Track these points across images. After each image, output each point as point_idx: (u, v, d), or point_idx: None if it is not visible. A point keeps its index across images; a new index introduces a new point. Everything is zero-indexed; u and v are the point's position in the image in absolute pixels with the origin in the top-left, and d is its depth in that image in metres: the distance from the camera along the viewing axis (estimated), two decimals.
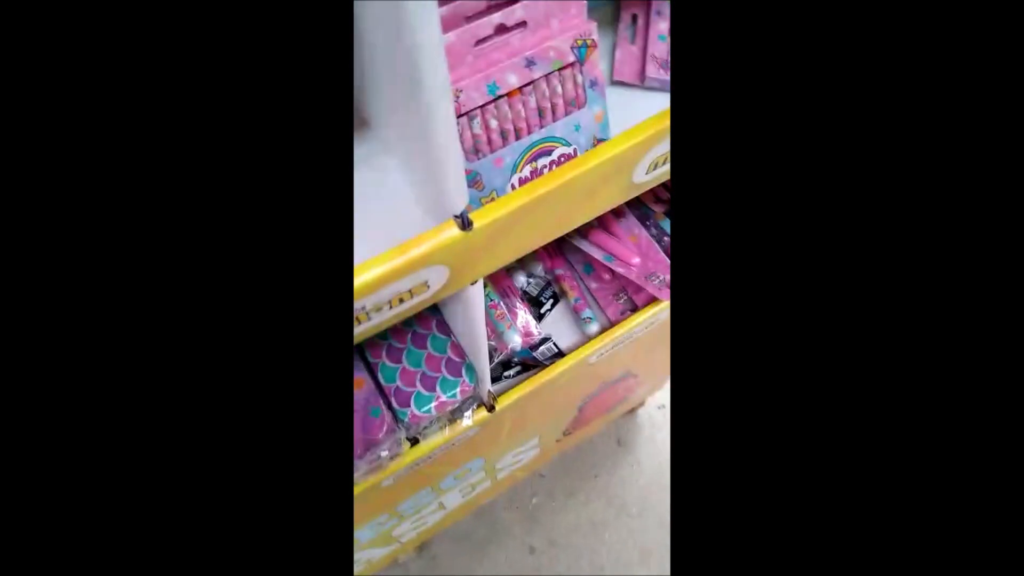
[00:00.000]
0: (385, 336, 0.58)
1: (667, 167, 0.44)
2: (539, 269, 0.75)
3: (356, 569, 0.94)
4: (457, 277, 0.39)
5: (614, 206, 0.44)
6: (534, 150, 0.40)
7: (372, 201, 0.39)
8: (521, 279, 0.73)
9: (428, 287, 0.38)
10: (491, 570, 1.14)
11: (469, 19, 0.35)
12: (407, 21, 0.25)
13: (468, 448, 0.73)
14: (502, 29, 0.36)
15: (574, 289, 0.74)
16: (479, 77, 0.36)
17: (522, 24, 0.36)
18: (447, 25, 0.34)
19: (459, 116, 0.36)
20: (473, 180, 0.39)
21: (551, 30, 0.37)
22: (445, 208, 0.35)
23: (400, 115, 0.33)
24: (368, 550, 0.89)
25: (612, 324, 0.69)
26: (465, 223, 0.35)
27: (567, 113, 0.40)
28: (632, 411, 1.27)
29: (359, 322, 0.37)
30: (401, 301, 0.37)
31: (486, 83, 0.36)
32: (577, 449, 1.25)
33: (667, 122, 0.39)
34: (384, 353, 0.57)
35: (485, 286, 0.67)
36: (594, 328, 0.71)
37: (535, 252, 0.75)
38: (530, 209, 0.37)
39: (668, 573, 1.15)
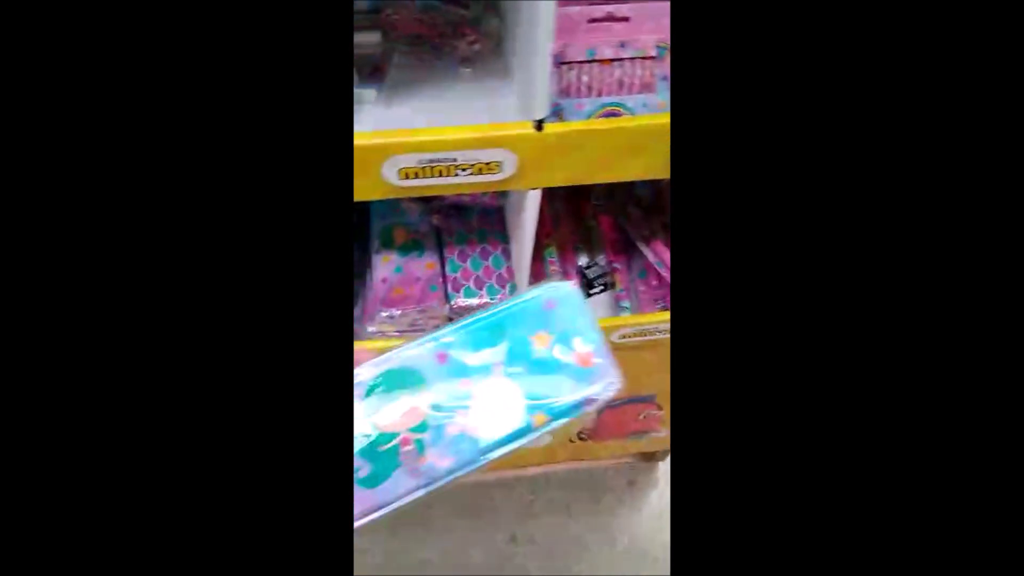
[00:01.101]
0: (461, 243, 0.75)
1: None
2: (602, 259, 0.89)
3: None
4: (522, 172, 0.54)
5: (658, 176, 0.58)
6: (607, 108, 0.55)
7: (492, 100, 0.56)
8: (584, 259, 0.87)
9: (501, 169, 0.54)
10: (471, 540, 1.23)
11: (591, 3, 0.52)
12: None
13: None
14: (610, 17, 0.52)
15: (623, 283, 0.86)
16: (583, 43, 0.52)
17: (625, 19, 0.53)
18: (573, 1, 0.51)
19: (561, 63, 0.53)
20: (558, 112, 0.55)
21: (644, 30, 0.53)
22: (529, 114, 0.51)
23: (520, 51, 0.50)
24: None
25: None
26: (539, 126, 0.51)
27: (640, 92, 0.55)
28: (652, 457, 1.32)
29: (450, 174, 0.53)
30: (480, 171, 0.54)
31: (587, 48, 0.53)
32: (588, 472, 1.32)
33: None
34: (456, 253, 0.74)
35: (549, 245, 0.82)
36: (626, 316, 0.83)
37: (602, 243, 0.89)
38: (588, 137, 0.52)
39: None
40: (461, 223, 0.77)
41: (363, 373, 0.35)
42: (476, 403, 0.35)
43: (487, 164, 0.53)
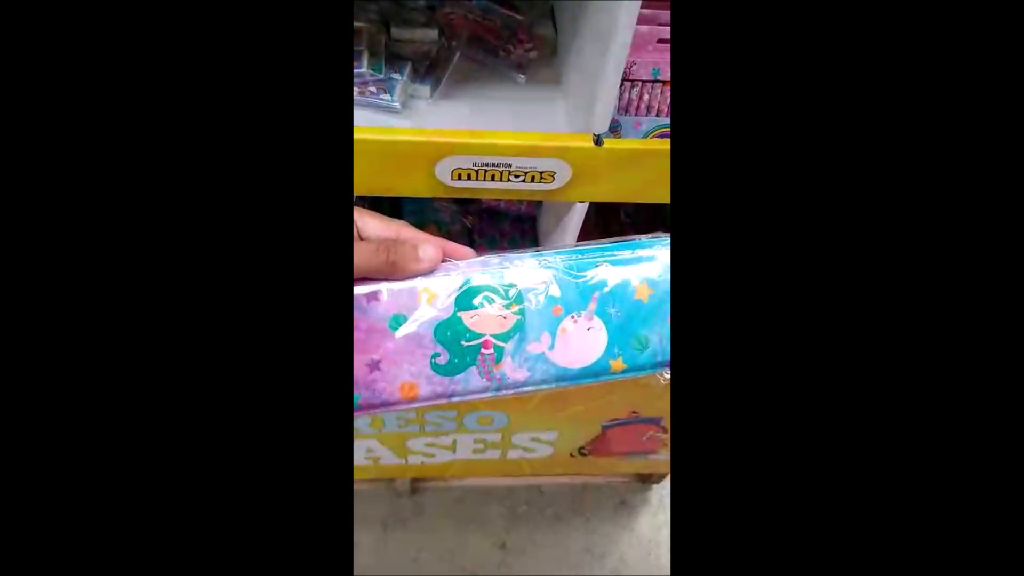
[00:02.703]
0: (492, 247, 0.74)
1: None
2: None
3: (364, 461, 1.06)
4: (574, 184, 0.54)
5: None
6: (663, 129, 0.55)
7: (541, 108, 0.56)
8: None
9: (554, 179, 0.53)
10: (461, 543, 1.22)
11: (660, 24, 0.52)
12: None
13: None
14: None
15: None
16: (650, 61, 0.52)
17: None
18: (644, 20, 0.51)
19: (625, 80, 0.53)
20: (614, 129, 0.55)
21: None
22: (590, 127, 0.51)
23: (586, 62, 0.50)
24: (382, 444, 1.02)
25: None
26: (598, 140, 0.51)
27: None
28: (647, 479, 1.32)
29: (503, 179, 0.53)
30: (533, 179, 0.53)
31: (653, 67, 0.53)
32: (582, 487, 1.32)
33: None
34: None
35: None
36: None
37: None
38: (643, 156, 0.52)
39: None
40: (493, 227, 0.77)
41: (464, 269, 0.35)
42: (563, 330, 0.35)
43: (541, 173, 0.53)
